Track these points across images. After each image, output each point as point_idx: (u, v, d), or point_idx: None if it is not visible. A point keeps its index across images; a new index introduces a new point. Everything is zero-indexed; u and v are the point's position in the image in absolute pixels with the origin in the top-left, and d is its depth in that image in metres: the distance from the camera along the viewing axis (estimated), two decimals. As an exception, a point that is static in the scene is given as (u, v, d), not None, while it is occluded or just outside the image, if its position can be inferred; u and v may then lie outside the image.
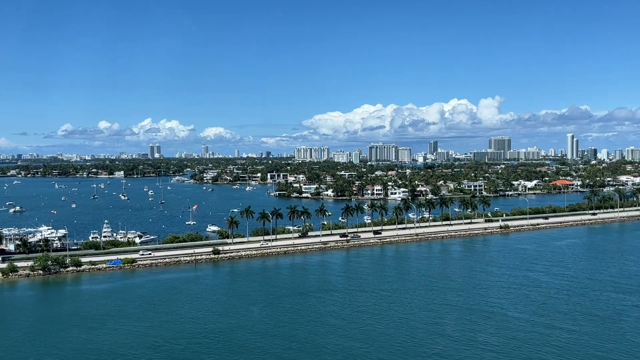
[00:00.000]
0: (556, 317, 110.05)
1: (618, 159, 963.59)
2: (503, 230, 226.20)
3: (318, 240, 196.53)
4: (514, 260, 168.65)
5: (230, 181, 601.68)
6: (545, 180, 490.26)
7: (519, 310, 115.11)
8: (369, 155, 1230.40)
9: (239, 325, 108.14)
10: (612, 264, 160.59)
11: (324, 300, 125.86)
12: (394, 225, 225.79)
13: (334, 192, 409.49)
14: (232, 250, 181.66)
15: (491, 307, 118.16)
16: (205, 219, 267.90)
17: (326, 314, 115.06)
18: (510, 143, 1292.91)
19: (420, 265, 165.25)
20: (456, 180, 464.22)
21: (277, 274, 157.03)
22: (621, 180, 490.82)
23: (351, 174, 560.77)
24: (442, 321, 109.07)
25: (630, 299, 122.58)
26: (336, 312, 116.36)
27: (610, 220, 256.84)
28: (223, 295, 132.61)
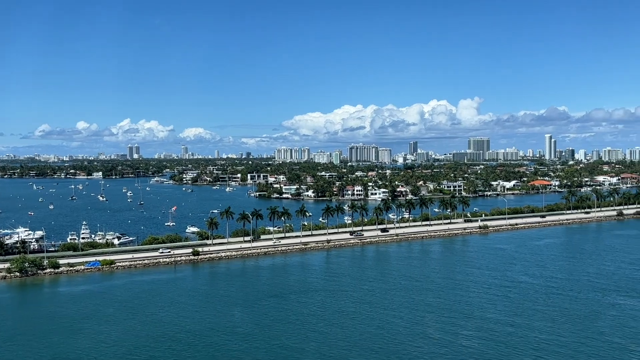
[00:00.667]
0: (535, 317, 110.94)
1: (595, 160, 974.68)
2: (482, 231, 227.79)
3: (299, 241, 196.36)
4: (493, 260, 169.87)
5: (210, 182, 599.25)
6: (523, 180, 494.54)
7: (499, 310, 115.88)
8: (349, 155, 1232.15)
9: (219, 327, 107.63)
10: (590, 264, 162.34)
11: (304, 301, 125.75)
12: (374, 225, 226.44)
13: (315, 193, 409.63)
14: (212, 251, 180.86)
15: (471, 307, 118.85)
16: (184, 220, 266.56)
17: (307, 315, 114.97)
18: (489, 144, 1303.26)
19: (400, 265, 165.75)
20: (436, 180, 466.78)
21: (257, 275, 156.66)
22: (598, 181, 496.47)
23: (332, 175, 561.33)
24: (423, 321, 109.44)
25: (608, 298, 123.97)
26: (317, 313, 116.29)
27: (587, 220, 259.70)
28: (203, 296, 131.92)
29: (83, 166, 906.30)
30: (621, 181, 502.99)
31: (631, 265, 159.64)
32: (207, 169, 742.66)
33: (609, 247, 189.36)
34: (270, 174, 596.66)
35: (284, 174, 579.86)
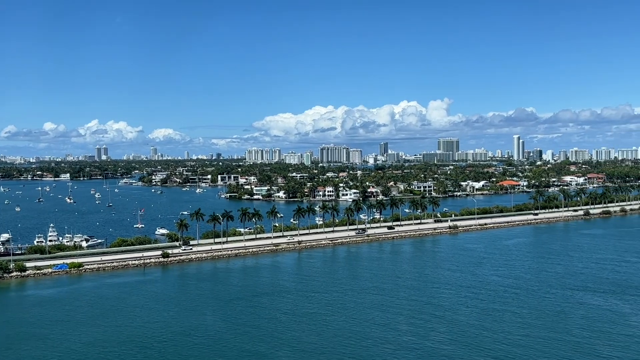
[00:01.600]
0: (505, 316, 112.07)
1: (562, 160, 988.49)
2: (452, 231, 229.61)
3: (270, 242, 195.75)
4: (462, 260, 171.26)
5: (179, 183, 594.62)
6: (492, 181, 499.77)
7: (469, 310, 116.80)
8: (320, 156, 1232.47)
9: (192, 329, 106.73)
10: (558, 263, 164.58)
11: (276, 302, 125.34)
12: (345, 226, 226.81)
13: (286, 194, 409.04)
14: (181, 253, 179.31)
15: (442, 307, 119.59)
16: (154, 222, 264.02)
17: (280, 315, 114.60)
18: (458, 144, 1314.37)
19: (371, 265, 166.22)
20: (406, 181, 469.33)
21: (228, 276, 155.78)
22: (565, 181, 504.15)
23: (303, 176, 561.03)
24: (395, 322, 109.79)
25: (576, 296, 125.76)
26: (289, 315, 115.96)
27: (555, 220, 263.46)
28: (173, 299, 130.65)
29: (50, 168, 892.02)
30: (588, 181, 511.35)
31: (598, 264, 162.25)
32: (177, 170, 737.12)
33: (576, 247, 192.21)
34: (241, 175, 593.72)
35: (255, 175, 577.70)
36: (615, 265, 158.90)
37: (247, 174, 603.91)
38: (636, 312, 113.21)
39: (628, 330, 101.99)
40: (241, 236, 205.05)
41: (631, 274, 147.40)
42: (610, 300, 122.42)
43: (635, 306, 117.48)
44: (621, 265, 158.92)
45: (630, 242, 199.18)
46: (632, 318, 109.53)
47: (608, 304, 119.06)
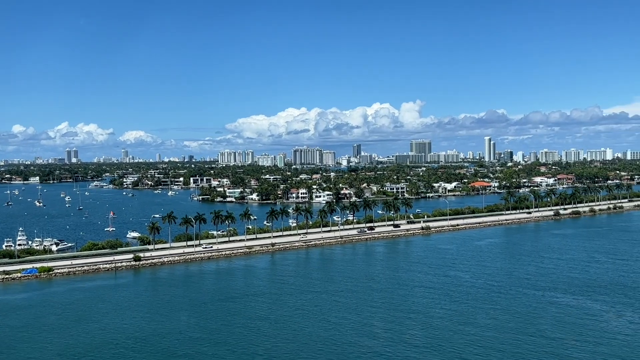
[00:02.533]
0: (478, 316, 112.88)
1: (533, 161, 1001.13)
2: (424, 232, 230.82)
3: (243, 245, 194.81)
4: (435, 260, 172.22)
5: (151, 186, 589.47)
6: (464, 182, 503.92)
7: (443, 310, 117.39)
8: (293, 158, 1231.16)
9: (166, 332, 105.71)
10: (529, 263, 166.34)
11: (251, 305, 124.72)
12: (318, 228, 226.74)
13: (259, 196, 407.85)
14: (153, 256, 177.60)
15: (416, 307, 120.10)
16: (125, 225, 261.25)
17: (254, 318, 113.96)
18: (430, 146, 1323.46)
19: (345, 267, 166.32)
20: (379, 182, 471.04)
21: (201, 279, 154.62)
22: (536, 182, 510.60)
23: (276, 178, 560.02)
24: (370, 322, 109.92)
25: (547, 296, 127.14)
26: (264, 316, 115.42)
27: (526, 220, 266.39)
28: (147, 302, 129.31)
29: (19, 171, 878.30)
30: (558, 182, 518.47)
31: (568, 264, 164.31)
32: (149, 172, 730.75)
33: (547, 247, 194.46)
34: (213, 178, 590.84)
35: (228, 178, 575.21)
36: (585, 265, 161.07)
37: (220, 176, 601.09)
38: (606, 311, 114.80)
39: (598, 329, 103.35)
40: (214, 239, 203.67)
41: (601, 274, 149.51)
42: (581, 299, 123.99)
43: (605, 305, 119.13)
44: (591, 265, 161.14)
45: (599, 242, 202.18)
46: (602, 317, 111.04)
47: (579, 304, 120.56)
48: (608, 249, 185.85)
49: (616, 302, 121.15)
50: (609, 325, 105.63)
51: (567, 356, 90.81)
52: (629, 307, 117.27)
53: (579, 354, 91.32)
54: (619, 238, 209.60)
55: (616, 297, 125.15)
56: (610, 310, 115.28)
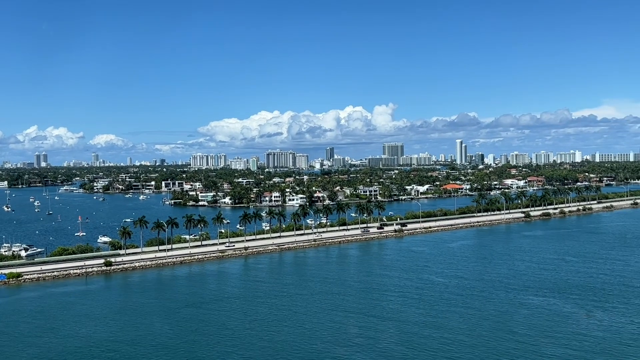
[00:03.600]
0: (451, 317, 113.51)
1: (503, 164, 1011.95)
2: (397, 234, 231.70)
3: (216, 249, 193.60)
4: (408, 262, 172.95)
5: (122, 190, 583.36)
6: (436, 184, 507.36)
7: (416, 312, 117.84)
8: (266, 162, 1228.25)
9: (139, 339, 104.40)
10: (501, 264, 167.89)
11: (225, 309, 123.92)
12: (292, 231, 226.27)
13: (232, 200, 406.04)
14: (125, 261, 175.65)
15: (389, 310, 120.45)
16: (96, 230, 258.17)
17: (228, 323, 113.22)
18: (403, 149, 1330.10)
19: (319, 270, 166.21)
20: (352, 185, 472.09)
21: (174, 284, 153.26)
22: (506, 184, 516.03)
23: (249, 181, 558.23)
24: (344, 326, 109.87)
25: (519, 297, 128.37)
26: (239, 320, 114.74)
27: (497, 222, 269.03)
28: (119, 308, 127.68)
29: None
30: (528, 184, 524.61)
31: (539, 265, 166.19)
32: (120, 176, 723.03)
33: (518, 248, 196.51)
34: (185, 181, 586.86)
35: (200, 181, 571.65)
36: (555, 266, 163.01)
37: (192, 180, 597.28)
38: (577, 311, 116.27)
39: (569, 329, 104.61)
40: (186, 243, 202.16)
41: (571, 275, 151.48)
42: (552, 300, 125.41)
43: (575, 305, 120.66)
44: (561, 266, 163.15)
45: (569, 243, 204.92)
46: (572, 317, 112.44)
47: (550, 304, 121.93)
48: (578, 250, 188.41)
49: (586, 302, 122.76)
50: (579, 325, 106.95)
51: (539, 357, 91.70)
52: (598, 307, 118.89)
53: (550, 354, 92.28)
54: (588, 239, 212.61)
55: (586, 297, 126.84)
56: (581, 310, 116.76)
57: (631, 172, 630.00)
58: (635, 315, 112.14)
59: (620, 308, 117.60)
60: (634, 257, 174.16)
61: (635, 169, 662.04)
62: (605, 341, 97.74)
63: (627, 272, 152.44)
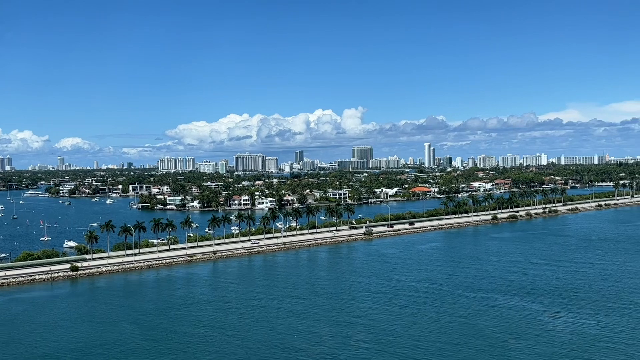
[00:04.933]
0: (421, 319, 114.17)
1: (471, 167, 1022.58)
2: (367, 237, 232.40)
3: (184, 253, 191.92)
4: (378, 265, 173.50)
5: (89, 194, 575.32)
6: (405, 187, 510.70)
7: (386, 314, 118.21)
8: (235, 165, 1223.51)
9: (109, 344, 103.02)
10: (469, 266, 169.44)
11: (195, 313, 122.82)
12: (261, 235, 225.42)
13: (200, 203, 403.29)
14: (91, 266, 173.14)
15: (360, 312, 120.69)
16: (62, 235, 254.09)
17: (199, 326, 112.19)
18: (372, 152, 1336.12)
19: (288, 274, 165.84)
20: (322, 189, 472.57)
21: (142, 289, 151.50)
22: (474, 187, 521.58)
23: (218, 185, 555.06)
24: (315, 330, 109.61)
25: (487, 298, 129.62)
26: (208, 325, 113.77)
27: (465, 225, 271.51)
28: (87, 313, 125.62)
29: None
30: (495, 187, 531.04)
31: (506, 266, 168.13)
32: (86, 180, 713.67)
33: (486, 250, 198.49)
34: (153, 185, 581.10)
35: (168, 185, 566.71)
36: (522, 268, 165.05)
37: (160, 184, 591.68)
38: (544, 312, 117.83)
39: (537, 329, 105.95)
40: (154, 247, 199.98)
41: (538, 276, 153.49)
42: (520, 301, 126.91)
43: (542, 306, 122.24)
44: (528, 268, 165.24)
45: (535, 245, 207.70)
46: (540, 317, 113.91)
47: (517, 305, 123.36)
48: (544, 252, 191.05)
49: (553, 303, 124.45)
50: (546, 326, 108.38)
51: (508, 357, 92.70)
52: (564, 308, 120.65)
53: (518, 355, 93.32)
54: (554, 241, 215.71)
55: (553, 299, 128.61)
56: (547, 311, 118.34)
57: (595, 175, 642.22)
58: (600, 316, 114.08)
59: (585, 309, 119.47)
60: (598, 259, 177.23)
61: (599, 172, 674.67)
62: (571, 341, 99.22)
63: (592, 274, 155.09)
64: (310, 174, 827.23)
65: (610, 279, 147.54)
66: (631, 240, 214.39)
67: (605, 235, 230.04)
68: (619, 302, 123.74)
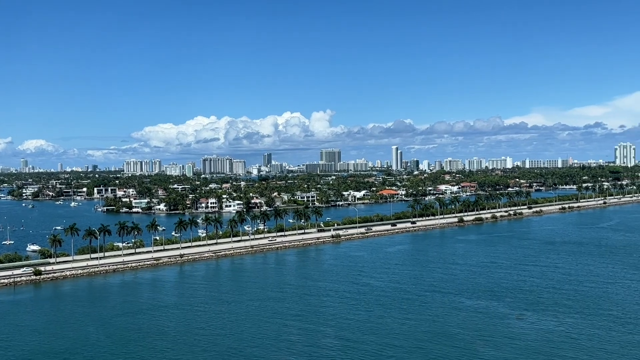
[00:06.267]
0: (389, 321, 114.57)
1: (438, 170, 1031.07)
2: (335, 240, 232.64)
3: (150, 257, 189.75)
4: (346, 268, 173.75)
5: (53, 197, 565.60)
6: (372, 190, 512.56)
7: (354, 317, 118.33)
8: (202, 168, 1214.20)
9: (74, 348, 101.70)
10: (436, 268, 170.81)
11: (161, 317, 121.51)
12: (228, 238, 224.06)
13: (167, 206, 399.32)
14: (55, 270, 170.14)
15: (328, 314, 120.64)
16: (25, 238, 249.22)
17: (165, 331, 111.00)
18: (340, 155, 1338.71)
19: (256, 277, 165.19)
20: (290, 191, 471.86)
21: (107, 293, 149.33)
22: (441, 189, 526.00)
23: (184, 187, 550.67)
24: (284, 332, 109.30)
25: (454, 300, 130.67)
26: (175, 329, 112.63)
27: (432, 227, 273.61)
28: (51, 318, 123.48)
29: None
30: (461, 189, 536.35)
31: (472, 268, 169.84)
32: (50, 183, 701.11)
33: (452, 252, 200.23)
34: (119, 188, 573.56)
35: (134, 188, 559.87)
36: (488, 270, 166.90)
37: (125, 187, 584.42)
38: (509, 314, 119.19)
39: (503, 331, 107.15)
40: (120, 251, 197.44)
41: (503, 278, 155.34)
42: (486, 303, 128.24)
43: (508, 308, 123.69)
44: (494, 270, 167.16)
45: (501, 247, 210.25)
46: (505, 319, 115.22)
47: (483, 307, 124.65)
48: (509, 254, 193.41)
49: (518, 305, 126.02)
50: (511, 327, 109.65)
51: (475, 358, 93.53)
52: (529, 309, 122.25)
53: (484, 357, 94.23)
54: (519, 244, 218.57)
55: (518, 300, 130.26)
56: (513, 313, 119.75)
57: (559, 178, 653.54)
58: (564, 317, 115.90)
59: (550, 310, 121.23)
60: (562, 261, 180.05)
61: (563, 175, 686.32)
62: (536, 342, 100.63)
63: (556, 275, 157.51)
64: (278, 177, 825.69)
65: (574, 281, 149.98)
66: (594, 242, 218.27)
67: (569, 238, 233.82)
68: (582, 304, 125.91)
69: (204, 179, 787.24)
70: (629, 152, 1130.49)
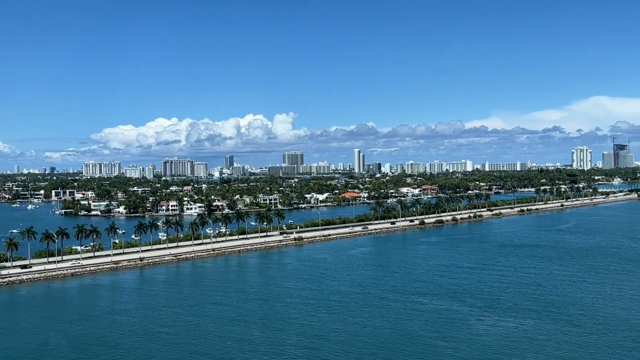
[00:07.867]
0: (352, 324, 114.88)
1: (400, 172, 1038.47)
2: (297, 242, 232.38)
3: (109, 260, 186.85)
4: (308, 270, 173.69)
5: (9, 199, 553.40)
6: (335, 193, 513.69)
7: (317, 320, 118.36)
8: (163, 170, 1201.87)
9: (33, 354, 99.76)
10: (398, 270, 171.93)
11: (120, 322, 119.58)
12: (190, 241, 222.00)
13: (127, 209, 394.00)
14: (11, 274, 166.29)
15: (291, 317, 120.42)
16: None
17: (125, 336, 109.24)
18: (303, 158, 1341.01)
19: (218, 280, 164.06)
20: (252, 194, 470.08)
21: (65, 297, 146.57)
22: (402, 192, 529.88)
23: (145, 190, 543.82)
24: (246, 336, 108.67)
25: (416, 302, 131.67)
26: (135, 333, 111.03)
27: (394, 229, 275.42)
28: (7, 323, 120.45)
29: None
30: (422, 192, 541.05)
31: (433, 270, 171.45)
32: (6, 185, 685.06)
33: (414, 255, 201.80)
34: (77, 190, 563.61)
35: (93, 190, 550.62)
36: (449, 272, 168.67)
37: (84, 189, 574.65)
38: (470, 314, 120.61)
39: (464, 332, 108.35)
40: (78, 254, 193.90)
41: (464, 279, 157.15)
42: (447, 304, 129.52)
43: (468, 309, 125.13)
44: (454, 271, 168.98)
45: (461, 249, 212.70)
46: (466, 320, 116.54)
47: (444, 308, 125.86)
48: (469, 257, 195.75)
49: (478, 306, 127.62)
50: (471, 329, 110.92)
51: (435, 358, 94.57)
52: (489, 311, 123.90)
53: (445, 357, 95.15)
54: (479, 246, 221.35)
55: (478, 301, 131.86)
56: (473, 314, 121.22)
57: (518, 181, 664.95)
58: (523, 318, 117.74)
59: (509, 312, 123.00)
60: (521, 263, 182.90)
61: (521, 178, 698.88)
62: (496, 342, 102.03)
63: (515, 277, 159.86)
64: (240, 179, 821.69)
65: (532, 283, 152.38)
66: (551, 245, 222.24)
67: (528, 240, 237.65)
68: (541, 305, 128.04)
69: (165, 182, 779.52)
70: (585, 156, 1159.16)
